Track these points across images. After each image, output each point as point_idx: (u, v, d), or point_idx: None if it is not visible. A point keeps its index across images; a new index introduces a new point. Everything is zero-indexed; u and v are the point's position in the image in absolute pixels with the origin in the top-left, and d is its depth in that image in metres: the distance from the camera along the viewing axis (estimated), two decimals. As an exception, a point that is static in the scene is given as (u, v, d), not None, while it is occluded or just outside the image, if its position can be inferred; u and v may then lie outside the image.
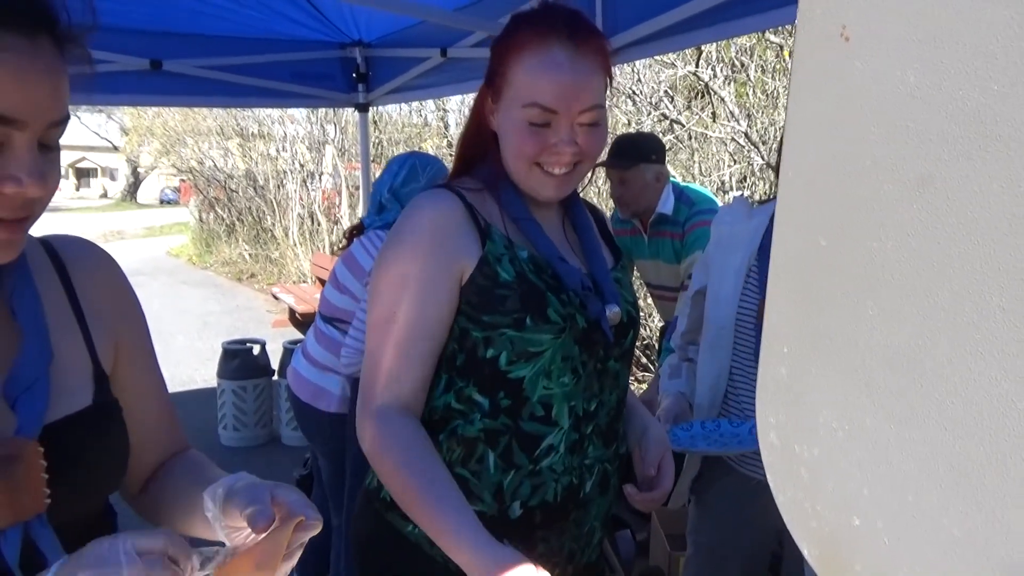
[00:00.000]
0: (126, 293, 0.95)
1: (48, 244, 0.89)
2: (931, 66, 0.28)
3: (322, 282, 6.46)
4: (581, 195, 1.38)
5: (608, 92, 1.17)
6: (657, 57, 5.42)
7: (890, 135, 0.29)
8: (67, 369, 0.83)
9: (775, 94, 5.47)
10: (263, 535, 0.73)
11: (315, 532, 0.76)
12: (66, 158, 46.27)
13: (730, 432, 1.62)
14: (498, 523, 1.11)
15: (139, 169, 35.93)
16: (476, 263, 1.12)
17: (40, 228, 0.92)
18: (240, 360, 4.71)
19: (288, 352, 4.56)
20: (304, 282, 9.70)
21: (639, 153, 2.87)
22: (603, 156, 3.01)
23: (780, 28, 4.88)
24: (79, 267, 0.90)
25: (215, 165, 13.66)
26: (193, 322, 8.42)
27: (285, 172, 11.62)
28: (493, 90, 1.17)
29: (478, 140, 1.23)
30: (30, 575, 0.71)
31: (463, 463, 1.14)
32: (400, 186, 2.42)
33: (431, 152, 10.15)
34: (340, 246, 2.73)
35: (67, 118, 0.74)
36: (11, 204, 0.71)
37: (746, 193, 5.65)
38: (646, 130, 5.69)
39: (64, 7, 0.73)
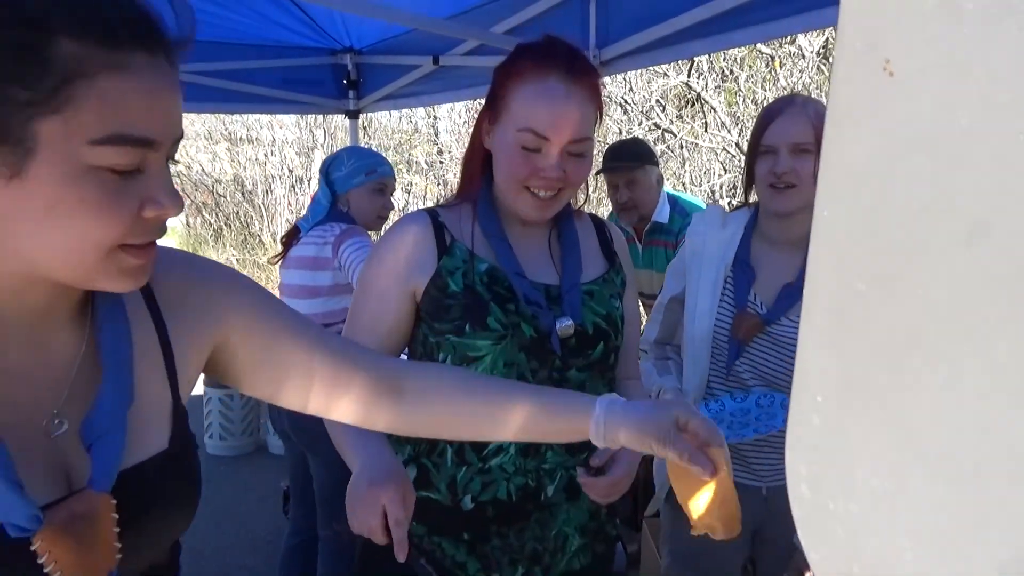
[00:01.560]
0: (212, 280, 0.87)
1: None
2: (986, 106, 0.26)
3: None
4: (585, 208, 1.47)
5: (597, 126, 1.27)
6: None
7: (941, 179, 0.28)
8: (146, 409, 0.79)
9: (765, 104, 5.49)
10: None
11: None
12: (51, 161, 45.82)
13: (756, 413, 1.60)
14: (451, 512, 1.27)
15: (125, 173, 35.64)
16: (430, 278, 1.26)
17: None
18: (227, 368, 4.67)
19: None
20: (292, 288, 9.61)
21: (643, 155, 2.89)
22: (601, 164, 3.02)
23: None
24: (160, 275, 0.82)
25: (202, 169, 13.54)
26: (179, 328, 8.33)
27: (274, 177, 11.53)
28: (492, 112, 1.27)
29: (474, 158, 1.34)
30: None
31: (428, 455, 1.29)
32: (332, 172, 2.54)
33: (422, 159, 10.12)
34: (274, 258, 2.68)
35: (183, 133, 0.71)
36: (151, 228, 0.68)
37: (735, 202, 5.66)
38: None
39: (171, 19, 0.69)
